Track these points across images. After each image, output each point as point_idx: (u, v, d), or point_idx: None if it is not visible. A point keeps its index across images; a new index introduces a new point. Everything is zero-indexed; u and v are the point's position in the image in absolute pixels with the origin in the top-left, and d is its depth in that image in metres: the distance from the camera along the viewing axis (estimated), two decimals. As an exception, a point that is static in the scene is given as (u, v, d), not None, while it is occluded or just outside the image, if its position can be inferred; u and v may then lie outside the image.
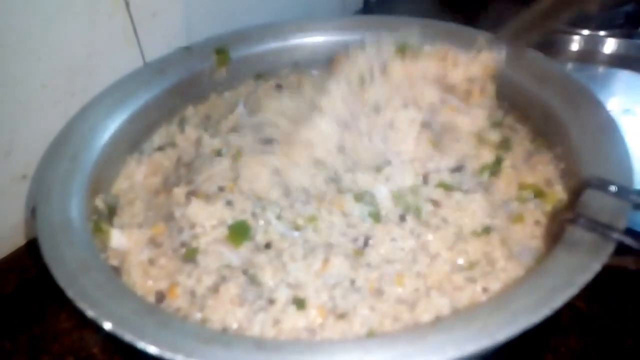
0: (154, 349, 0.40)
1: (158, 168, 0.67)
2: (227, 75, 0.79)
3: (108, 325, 0.42)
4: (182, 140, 0.70)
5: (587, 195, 0.50)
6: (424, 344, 0.39)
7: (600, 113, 0.59)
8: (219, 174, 0.62)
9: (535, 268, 0.49)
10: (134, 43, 0.77)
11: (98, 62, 0.72)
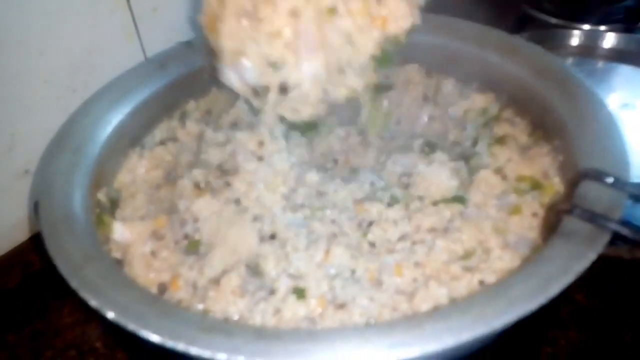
0: (156, 337, 0.41)
1: (159, 162, 0.67)
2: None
3: (111, 315, 0.43)
4: (183, 135, 0.70)
5: (583, 187, 0.50)
6: (421, 332, 0.40)
7: (598, 106, 0.59)
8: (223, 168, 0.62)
9: (532, 257, 0.49)
10: (135, 38, 0.77)
11: (99, 57, 0.73)
